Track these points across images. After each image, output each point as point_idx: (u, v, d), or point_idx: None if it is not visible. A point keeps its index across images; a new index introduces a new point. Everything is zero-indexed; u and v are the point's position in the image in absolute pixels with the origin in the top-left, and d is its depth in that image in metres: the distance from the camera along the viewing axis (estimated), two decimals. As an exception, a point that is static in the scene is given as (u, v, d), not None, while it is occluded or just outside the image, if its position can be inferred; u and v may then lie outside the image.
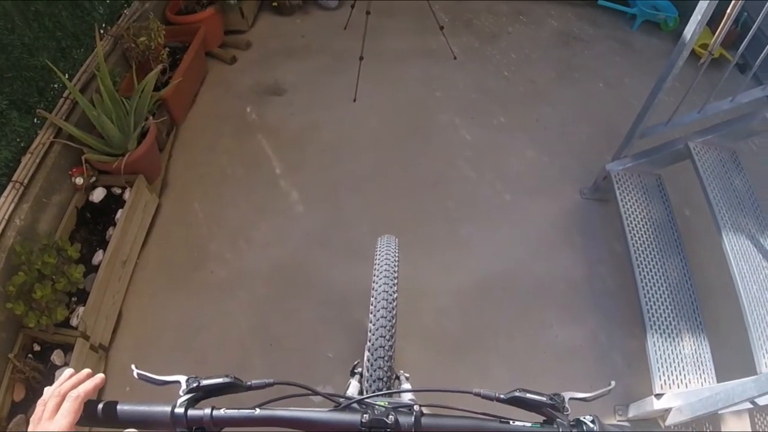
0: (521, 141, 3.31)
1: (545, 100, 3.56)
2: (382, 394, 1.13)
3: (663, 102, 2.42)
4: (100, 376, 0.88)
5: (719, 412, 1.90)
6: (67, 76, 2.67)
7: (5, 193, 2.38)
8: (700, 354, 2.16)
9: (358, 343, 2.33)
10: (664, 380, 2.09)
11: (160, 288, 2.71)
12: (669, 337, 2.19)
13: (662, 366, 2.12)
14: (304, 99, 3.59)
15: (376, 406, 0.88)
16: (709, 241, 2.35)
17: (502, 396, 0.90)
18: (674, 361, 2.13)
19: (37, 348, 2.34)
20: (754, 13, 2.10)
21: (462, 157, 3.23)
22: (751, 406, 1.85)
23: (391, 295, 1.47)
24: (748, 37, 2.15)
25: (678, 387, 2.07)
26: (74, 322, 2.32)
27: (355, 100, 3.52)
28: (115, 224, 2.61)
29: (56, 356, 2.27)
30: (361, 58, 3.45)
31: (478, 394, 0.91)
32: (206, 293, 2.68)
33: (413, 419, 0.84)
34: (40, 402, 0.83)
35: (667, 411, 2.06)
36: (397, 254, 1.64)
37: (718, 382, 2.08)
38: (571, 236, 2.86)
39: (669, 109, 2.47)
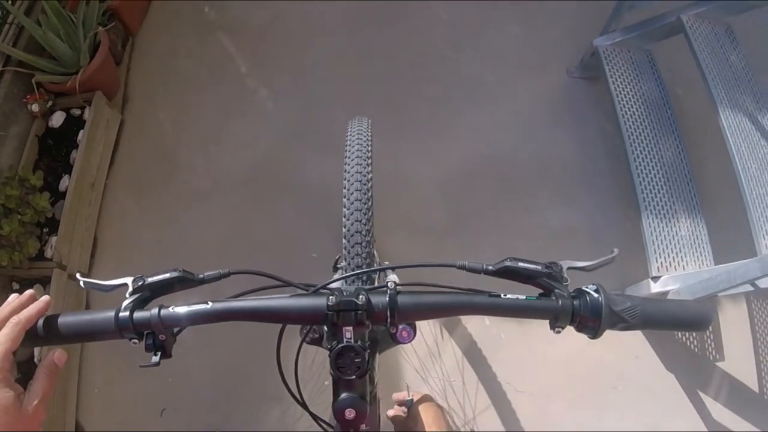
0: (503, 17, 3.09)
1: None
2: (354, 274, 1.04)
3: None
4: (45, 298, 0.78)
5: (719, 294, 1.87)
6: (9, 2, 2.52)
7: (-42, 131, 2.24)
8: (696, 235, 2.12)
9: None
10: (661, 262, 2.05)
11: (133, 206, 2.63)
12: (665, 218, 2.14)
13: (658, 248, 2.08)
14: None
15: (345, 289, 0.79)
16: (704, 120, 2.27)
17: (490, 267, 0.80)
18: (671, 243, 2.09)
19: (16, 287, 2.27)
20: None
21: (440, 36, 3.04)
22: (751, 288, 1.83)
23: (364, 176, 1.34)
24: None
25: (675, 269, 2.04)
26: (48, 253, 2.26)
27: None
28: (78, 147, 2.48)
29: (36, 291, 2.20)
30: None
31: (462, 267, 0.81)
32: (181, 204, 2.61)
33: (387, 298, 0.75)
34: None
35: (665, 294, 2.03)
36: (369, 134, 1.52)
37: (716, 264, 2.05)
38: (559, 116, 2.74)
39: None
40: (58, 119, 2.60)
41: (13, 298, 0.77)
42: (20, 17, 2.50)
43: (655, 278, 2.05)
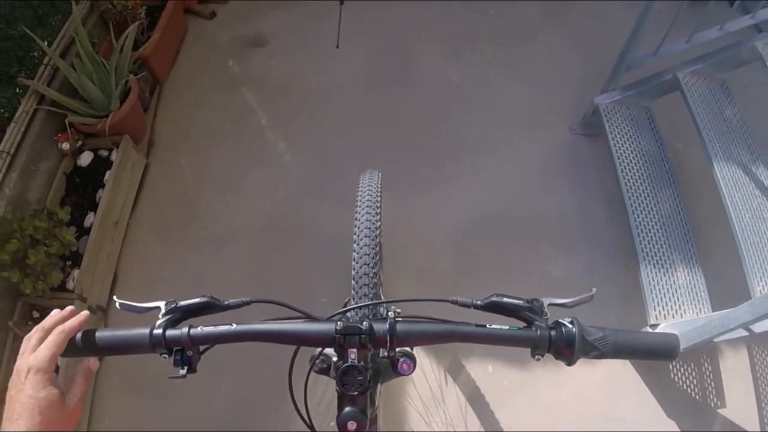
0: (508, 78, 3.26)
1: (532, 37, 3.49)
2: (358, 306, 1.15)
3: (651, 33, 2.39)
4: (85, 313, 0.88)
5: (715, 340, 1.92)
6: (46, 43, 2.64)
7: (-8, 163, 2.37)
8: (694, 284, 2.18)
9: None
10: (659, 311, 2.11)
11: (153, 246, 2.72)
12: (662, 267, 2.21)
13: (656, 297, 2.14)
14: (286, 49, 3.53)
15: (353, 317, 0.90)
16: (701, 172, 2.35)
17: (478, 302, 0.91)
18: (668, 292, 2.15)
19: (36, 315, 2.35)
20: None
21: (449, 96, 3.19)
22: (747, 334, 1.88)
23: (373, 223, 1.48)
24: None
25: (673, 317, 2.09)
26: (70, 285, 2.33)
27: (338, 47, 3.44)
28: (104, 186, 2.60)
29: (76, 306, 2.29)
30: (341, 3, 3.37)
31: (454, 302, 0.92)
32: (199, 248, 2.69)
33: (387, 326, 0.85)
34: (25, 338, 0.84)
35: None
36: (379, 186, 1.65)
37: (714, 311, 2.09)
38: (562, 172, 2.86)
39: (657, 41, 2.44)
40: (86, 158, 2.72)
41: (56, 312, 0.88)
42: (56, 60, 2.63)
43: (654, 326, 2.09)
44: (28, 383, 0.78)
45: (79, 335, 0.86)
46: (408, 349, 0.98)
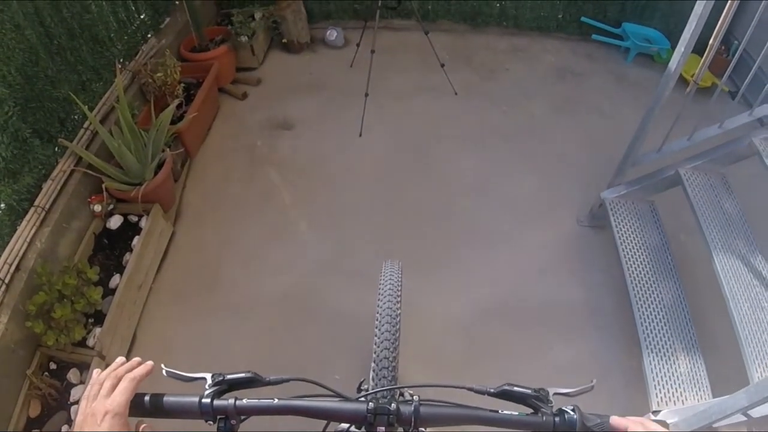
0: (520, 172, 3.43)
1: (544, 133, 3.69)
2: (387, 389, 1.24)
3: (656, 130, 2.52)
4: (150, 363, 0.95)
5: (715, 425, 1.93)
6: (87, 108, 2.78)
7: (27, 217, 2.49)
8: (695, 372, 2.22)
9: (365, 365, 2.42)
10: (661, 397, 2.14)
11: (173, 312, 2.78)
12: (665, 356, 2.25)
13: (659, 384, 2.18)
14: (312, 133, 3.73)
15: (381, 398, 0.98)
16: (702, 263, 2.41)
17: (492, 390, 1.00)
18: (670, 379, 2.19)
19: (53, 366, 2.41)
20: (745, 42, 2.21)
21: (463, 187, 3.35)
22: (745, 418, 1.90)
23: (394, 311, 1.59)
24: (732, 63, 2.28)
25: (674, 403, 2.12)
26: (91, 342, 2.39)
27: (360, 135, 3.66)
28: (131, 250, 2.71)
29: (72, 375, 2.36)
30: (367, 95, 3.60)
31: (471, 389, 1.01)
32: (217, 318, 2.75)
33: (413, 408, 0.94)
34: (94, 381, 0.90)
35: (665, 427, 2.10)
36: (400, 276, 1.76)
37: (714, 396, 2.12)
38: (569, 262, 2.95)
39: (662, 137, 2.57)
40: (116, 222, 2.86)
41: (122, 360, 0.96)
42: (97, 125, 2.78)
43: (656, 412, 2.12)
44: (105, 425, 0.83)
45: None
46: (425, 429, 1.06)
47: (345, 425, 1.09)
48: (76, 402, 2.28)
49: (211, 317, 2.75)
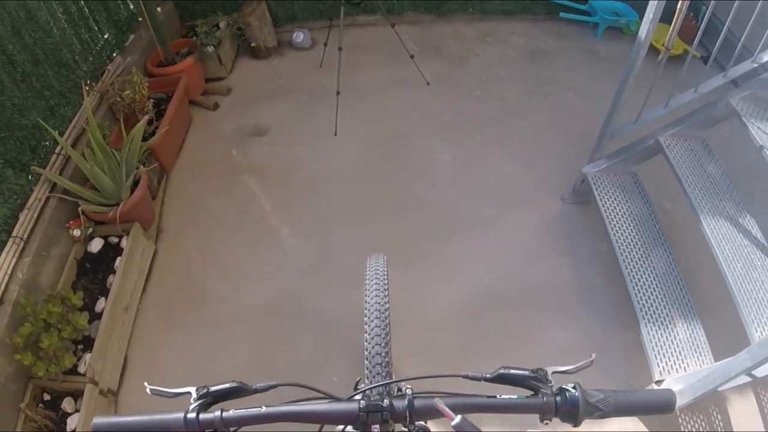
0: (498, 156, 3.42)
1: (518, 115, 3.69)
2: (378, 385, 1.21)
3: (632, 101, 2.52)
4: None
5: (720, 389, 1.95)
6: (57, 133, 2.75)
7: (6, 249, 2.44)
8: (694, 337, 2.21)
9: (361, 364, 2.40)
10: (663, 367, 2.14)
11: (162, 330, 2.75)
12: (662, 325, 2.25)
13: (659, 353, 2.18)
14: (286, 137, 3.70)
15: (373, 395, 0.95)
16: (690, 228, 2.42)
17: (488, 375, 0.98)
18: (670, 347, 2.19)
19: (47, 397, 2.37)
20: (713, 6, 2.20)
21: (442, 177, 3.33)
22: (750, 379, 1.92)
23: (383, 305, 1.56)
24: (701, 28, 2.28)
25: (677, 371, 2.12)
26: (82, 369, 2.35)
27: (335, 134, 3.63)
28: (114, 272, 2.67)
29: (67, 403, 2.31)
30: (338, 93, 3.57)
31: (466, 377, 0.99)
32: (207, 331, 2.72)
33: (406, 402, 0.92)
34: None
35: (670, 396, 2.09)
36: (385, 269, 1.73)
37: (716, 361, 2.12)
38: (556, 241, 2.95)
39: (638, 109, 2.57)
40: (96, 245, 2.81)
41: None
42: (68, 150, 2.74)
43: (659, 382, 2.11)
44: None
45: (114, 419, 0.90)
46: (424, 423, 1.03)
47: (340, 427, 1.07)
48: (74, 431, 2.23)
49: (201, 332, 2.72)
